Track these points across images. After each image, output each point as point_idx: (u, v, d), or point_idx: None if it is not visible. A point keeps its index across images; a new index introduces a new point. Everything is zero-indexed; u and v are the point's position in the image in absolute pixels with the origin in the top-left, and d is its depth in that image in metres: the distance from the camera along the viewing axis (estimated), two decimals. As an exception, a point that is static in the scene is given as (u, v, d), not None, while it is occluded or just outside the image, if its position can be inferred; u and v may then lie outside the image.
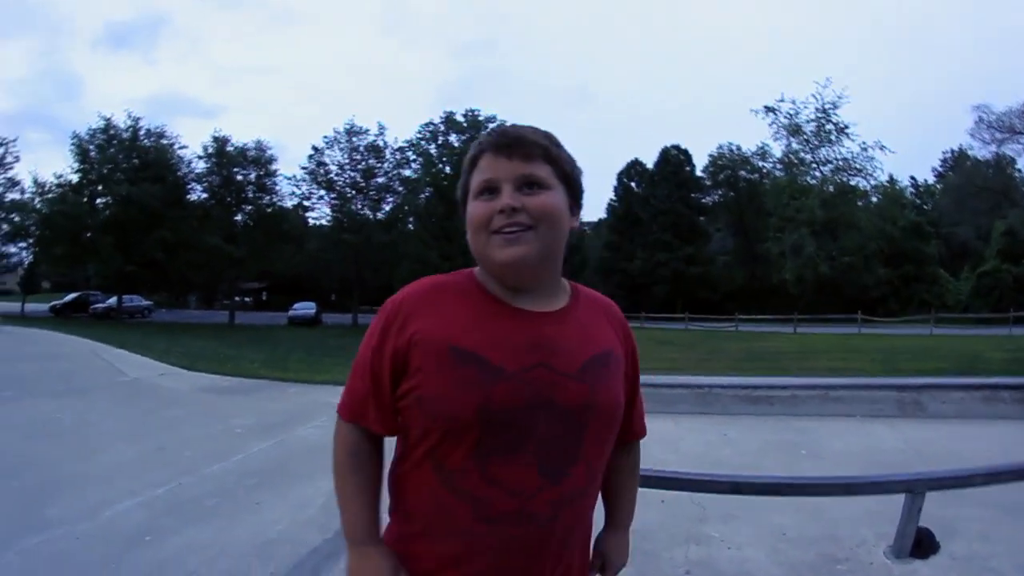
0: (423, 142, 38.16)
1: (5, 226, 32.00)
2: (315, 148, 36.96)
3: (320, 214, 38.75)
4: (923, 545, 2.81)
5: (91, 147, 30.88)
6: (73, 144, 31.01)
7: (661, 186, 43.36)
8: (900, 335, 22.19)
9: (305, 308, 34.65)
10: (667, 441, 5.28)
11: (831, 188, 36.71)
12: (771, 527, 3.26)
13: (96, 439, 5.80)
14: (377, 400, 0.99)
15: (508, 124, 1.02)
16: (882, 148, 35.71)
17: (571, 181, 1.02)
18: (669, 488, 2.63)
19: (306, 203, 37.81)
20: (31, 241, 32.72)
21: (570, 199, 1.02)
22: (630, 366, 1.11)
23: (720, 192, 47.56)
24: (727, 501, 3.35)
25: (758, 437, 5.38)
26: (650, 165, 45.65)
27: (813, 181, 37.11)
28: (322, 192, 36.80)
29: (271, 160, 34.46)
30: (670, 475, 2.48)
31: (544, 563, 0.96)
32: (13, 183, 32.48)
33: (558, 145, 1.01)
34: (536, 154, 0.97)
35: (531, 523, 0.93)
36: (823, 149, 36.94)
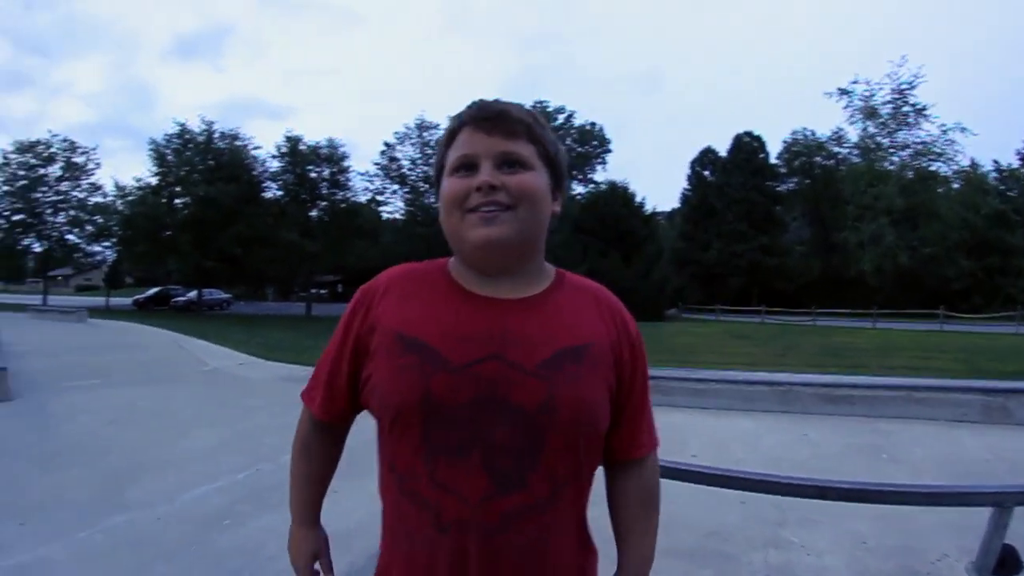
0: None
1: (90, 227, 34.21)
2: (387, 144, 37.94)
3: (393, 208, 39.72)
4: (1007, 564, 2.62)
5: (168, 151, 32.47)
6: (151, 149, 32.72)
7: (735, 174, 41.87)
8: (984, 332, 20.87)
9: None
10: (747, 440, 5.19)
11: (910, 174, 34.78)
12: (851, 534, 3.15)
13: (177, 426, 6.03)
14: (329, 383, 0.98)
15: (492, 99, 0.93)
16: (963, 130, 33.68)
17: (554, 164, 0.94)
18: (754, 491, 2.55)
19: (379, 198, 38.89)
20: (114, 240, 34.83)
21: (552, 182, 0.94)
22: (624, 365, 0.95)
23: (795, 179, 45.74)
24: (807, 505, 3.21)
25: (838, 439, 5.20)
26: (723, 152, 44.29)
27: (891, 167, 35.26)
28: (395, 187, 37.69)
29: (343, 157, 35.35)
30: (755, 477, 2.40)
31: None
32: (96, 187, 34.85)
33: (543, 125, 0.94)
34: (519, 131, 0.90)
35: (480, 534, 0.83)
36: (901, 132, 35.11)
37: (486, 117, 0.90)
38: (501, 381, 0.84)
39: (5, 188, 32.78)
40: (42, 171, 33.45)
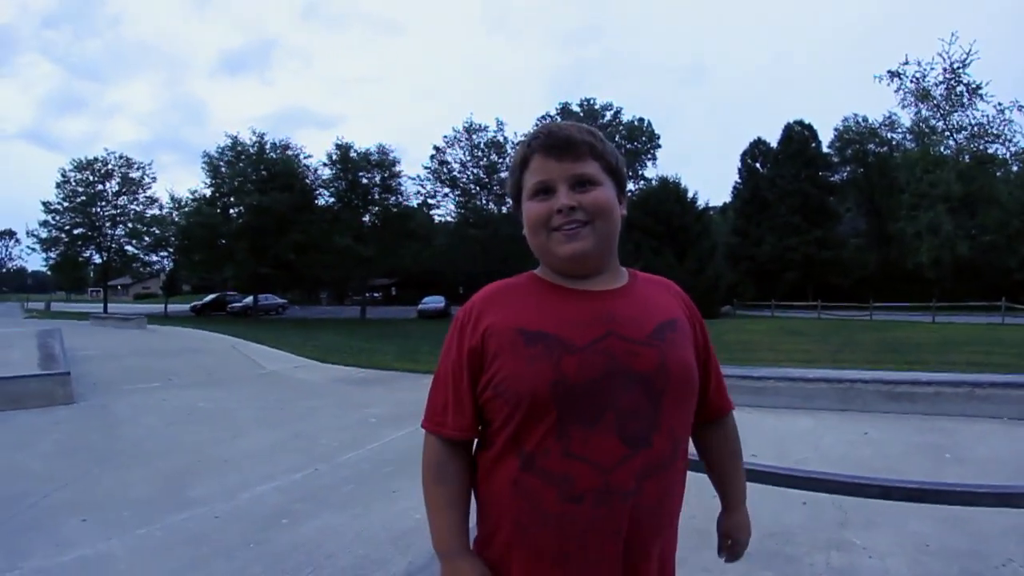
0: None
1: (147, 238, 35.60)
2: (436, 148, 38.57)
3: (445, 211, 40.46)
4: None
5: (221, 163, 33.57)
6: (204, 162, 33.98)
7: (786, 165, 41.01)
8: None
9: (434, 302, 35.44)
10: (807, 438, 5.08)
11: (967, 158, 33.22)
12: (913, 537, 3.04)
13: (235, 426, 6.19)
14: (456, 404, 1.03)
15: (554, 124, 1.07)
16: (1021, 108, 31.89)
17: (617, 173, 1.07)
18: (816, 490, 2.50)
19: (431, 201, 39.66)
20: (171, 250, 36.15)
21: (617, 189, 1.07)
22: (699, 336, 1.12)
23: (848, 169, 44.41)
24: (869, 506, 3.13)
25: (900, 438, 5.02)
26: (774, 143, 43.36)
27: (947, 151, 33.75)
28: (446, 190, 38.17)
29: (394, 162, 35.99)
30: (818, 476, 2.36)
31: (636, 546, 0.96)
32: (152, 200, 36.41)
33: (602, 140, 1.06)
34: (584, 152, 1.02)
35: (615, 499, 0.93)
36: (955, 114, 33.51)
37: (555, 145, 1.01)
38: (621, 353, 0.96)
39: (66, 204, 34.36)
40: (100, 187, 35.04)
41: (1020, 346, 13.03)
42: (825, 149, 43.40)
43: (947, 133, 34.23)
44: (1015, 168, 35.35)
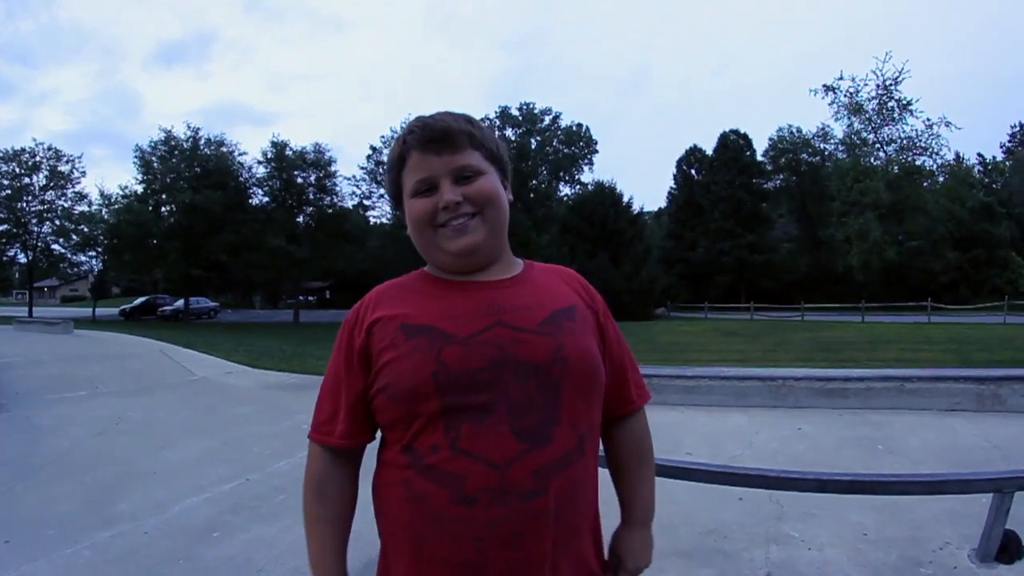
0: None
1: (75, 236, 33.90)
2: (373, 148, 38.16)
3: (381, 212, 39.83)
4: (1009, 549, 2.64)
5: (153, 158, 32.29)
6: (136, 157, 32.54)
7: (721, 172, 42.33)
8: (972, 323, 21.11)
9: None
10: (741, 436, 5.16)
11: (896, 169, 35.05)
12: (851, 527, 3.12)
13: (164, 436, 5.94)
14: (346, 409, 0.98)
15: (428, 116, 0.99)
16: (947, 124, 33.91)
17: (499, 160, 1.02)
18: (753, 486, 2.52)
19: (366, 202, 39.00)
20: (100, 250, 34.53)
21: (501, 176, 1.02)
22: (603, 323, 1.05)
23: (782, 177, 46.19)
24: (805, 499, 3.21)
25: (833, 432, 5.17)
26: (709, 151, 44.68)
27: (877, 162, 35.52)
28: (381, 191, 37.63)
29: (330, 162, 35.34)
30: (753, 472, 2.37)
31: (543, 555, 0.87)
32: (81, 196, 34.64)
33: (480, 127, 1.00)
34: (464, 143, 0.96)
35: (514, 500, 0.85)
36: (886, 128, 35.36)
37: (432, 138, 0.95)
38: (509, 342, 0.90)
39: (-10, 198, 32.46)
40: (27, 180, 33.15)
41: (946, 343, 13.75)
42: (759, 157, 45.02)
43: (877, 145, 36.01)
44: (941, 179, 37.49)
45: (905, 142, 35.23)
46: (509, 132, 39.21)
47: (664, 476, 2.46)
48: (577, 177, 45.87)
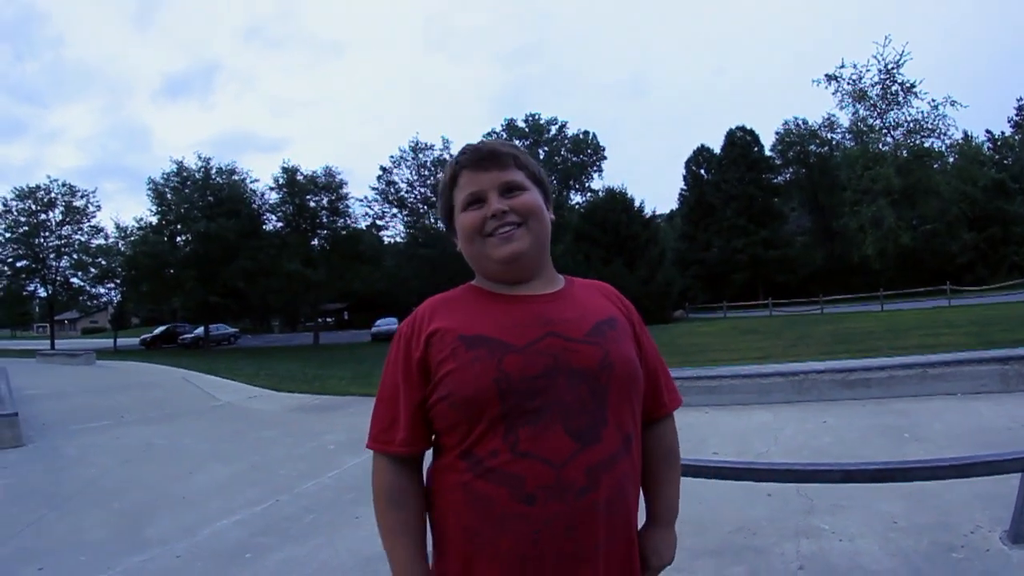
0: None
1: (93, 269, 34.34)
2: (383, 168, 38.31)
3: (394, 232, 40.03)
4: None
5: (166, 190, 32.62)
6: (149, 189, 32.89)
7: (730, 170, 41.94)
8: (993, 303, 20.79)
9: (387, 324, 34.70)
10: (766, 432, 5.16)
11: (905, 153, 34.68)
12: (881, 516, 3.10)
13: (191, 461, 6.00)
14: (406, 418, 1.02)
15: (477, 141, 1.11)
16: (953, 104, 33.41)
17: (541, 182, 1.12)
18: (780, 481, 2.51)
19: (379, 222, 39.20)
20: (118, 281, 34.95)
21: (543, 196, 1.12)
22: (639, 332, 1.13)
23: (791, 170, 45.70)
24: (834, 491, 3.19)
25: (858, 423, 5.15)
26: (717, 149, 44.33)
27: (886, 148, 35.14)
28: (394, 210, 37.85)
29: (341, 184, 35.48)
30: (779, 467, 2.37)
31: (595, 546, 0.94)
32: (97, 230, 35.00)
33: (525, 153, 1.12)
34: (509, 163, 1.07)
35: (569, 496, 0.92)
36: (892, 112, 34.92)
37: (481, 158, 1.06)
38: (561, 352, 0.97)
39: (7, 235, 32.97)
40: (43, 216, 33.61)
41: (967, 326, 13.54)
42: (767, 152, 44.60)
43: (884, 130, 35.61)
44: (951, 160, 37.01)
45: (912, 125, 34.80)
46: (517, 143, 39.35)
47: (691, 476, 2.46)
48: (587, 185, 45.64)
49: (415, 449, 1.03)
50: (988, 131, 43.27)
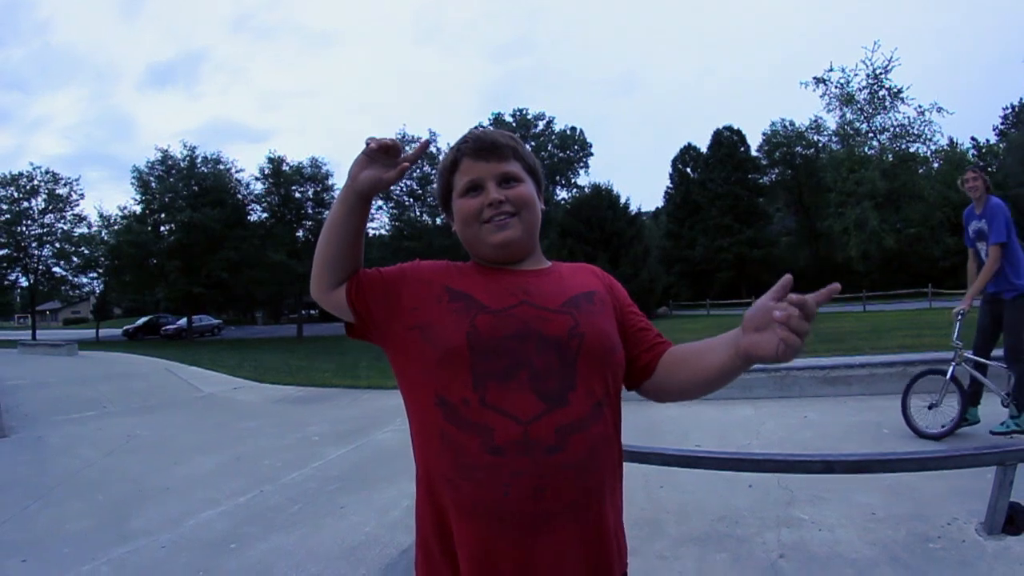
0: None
1: (76, 259, 33.93)
2: (366, 163, 37.98)
3: (379, 224, 39.81)
4: (1016, 520, 2.65)
5: (151, 178, 32.38)
6: (134, 177, 32.64)
7: (717, 169, 42.37)
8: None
9: None
10: (748, 427, 5.22)
11: (890, 157, 35.10)
12: (860, 507, 3.17)
13: (175, 453, 5.97)
14: (378, 278, 1.11)
15: (479, 130, 1.18)
16: (939, 110, 34.05)
17: (535, 173, 1.20)
18: (760, 471, 2.56)
19: (365, 214, 38.86)
20: (100, 271, 34.58)
21: (536, 187, 1.19)
22: (621, 303, 1.19)
23: (777, 171, 46.08)
24: (814, 483, 3.26)
25: (839, 419, 5.23)
26: (704, 149, 44.69)
27: (871, 151, 35.61)
28: (379, 203, 37.69)
29: (327, 176, 35.41)
30: (761, 457, 2.41)
31: (564, 508, 0.95)
32: (80, 219, 34.62)
33: (522, 144, 1.20)
34: (508, 154, 1.14)
35: (538, 453, 0.94)
36: (878, 117, 35.49)
37: (482, 148, 1.13)
38: (534, 319, 1.03)
39: (-11, 222, 32.51)
40: (25, 204, 33.18)
41: (948, 327, 13.57)
42: (754, 152, 45.00)
43: (871, 134, 36.10)
44: (936, 165, 37.48)
45: (898, 130, 35.35)
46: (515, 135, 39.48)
47: (674, 465, 2.50)
48: (573, 180, 45.73)
49: (350, 291, 1.10)
50: (973, 138, 43.88)
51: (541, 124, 45.68)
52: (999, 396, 4.44)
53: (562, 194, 44.99)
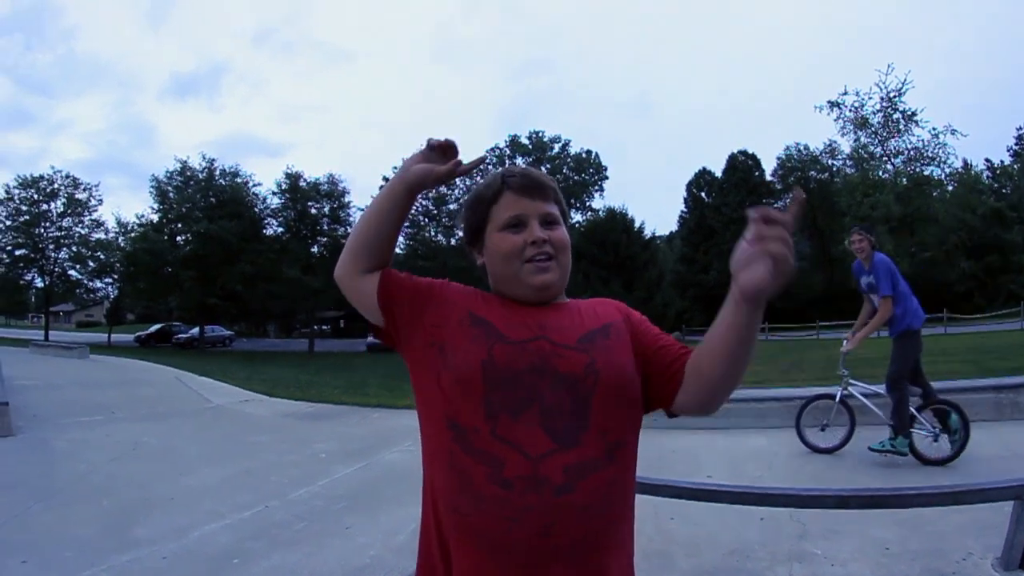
0: (490, 166, 39.15)
1: (92, 263, 34.32)
2: (385, 178, 38.26)
3: (394, 243, 40.15)
4: None
5: (169, 188, 32.79)
6: (152, 186, 33.18)
7: (731, 194, 42.29)
8: (989, 332, 20.83)
9: None
10: (761, 457, 5.17)
11: (905, 180, 34.87)
12: (873, 542, 3.10)
13: (182, 463, 5.96)
14: (408, 285, 1.12)
15: (524, 167, 1.19)
16: (953, 132, 33.69)
17: (566, 215, 1.20)
18: (774, 505, 2.51)
19: (380, 232, 39.21)
20: (116, 277, 34.92)
21: (565, 228, 1.19)
22: (636, 326, 1.16)
23: (792, 195, 46.05)
24: (828, 516, 3.18)
25: (853, 448, 5.13)
26: (719, 173, 44.67)
27: (885, 175, 35.37)
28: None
29: (344, 192, 35.87)
30: (773, 491, 2.36)
31: (568, 549, 0.93)
32: (98, 224, 35.12)
33: (559, 188, 1.20)
34: (551, 196, 1.15)
35: (546, 491, 0.93)
36: (892, 140, 35.22)
37: (529, 185, 1.13)
38: (550, 355, 1.02)
39: (8, 223, 32.97)
40: (45, 206, 33.68)
41: (964, 353, 13.53)
42: (768, 177, 45.03)
43: (885, 158, 35.87)
44: (950, 188, 37.21)
45: (912, 153, 35.07)
46: (520, 160, 39.48)
47: (686, 498, 2.46)
48: (588, 204, 45.81)
49: (380, 279, 1.13)
50: (987, 160, 43.45)
51: (557, 147, 45.92)
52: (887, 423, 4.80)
53: (577, 217, 45.11)
